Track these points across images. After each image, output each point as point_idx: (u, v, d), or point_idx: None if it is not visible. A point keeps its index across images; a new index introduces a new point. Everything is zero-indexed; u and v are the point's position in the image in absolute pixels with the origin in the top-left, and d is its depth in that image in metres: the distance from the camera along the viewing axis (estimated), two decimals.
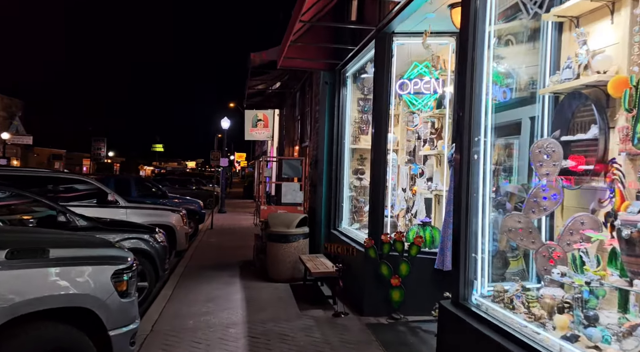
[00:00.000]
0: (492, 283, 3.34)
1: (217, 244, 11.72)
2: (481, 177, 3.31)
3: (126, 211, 8.74)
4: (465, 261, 3.28)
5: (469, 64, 3.41)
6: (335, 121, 7.50)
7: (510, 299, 2.99)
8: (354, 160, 7.60)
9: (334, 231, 7.35)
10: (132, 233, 6.42)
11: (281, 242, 7.31)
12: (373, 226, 5.43)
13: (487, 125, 3.36)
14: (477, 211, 3.32)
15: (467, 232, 3.32)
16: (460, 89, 3.55)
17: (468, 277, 3.26)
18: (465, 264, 3.28)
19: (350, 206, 7.42)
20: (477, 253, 3.25)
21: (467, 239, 3.31)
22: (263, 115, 19.45)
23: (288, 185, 8.07)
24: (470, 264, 3.26)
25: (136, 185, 12.53)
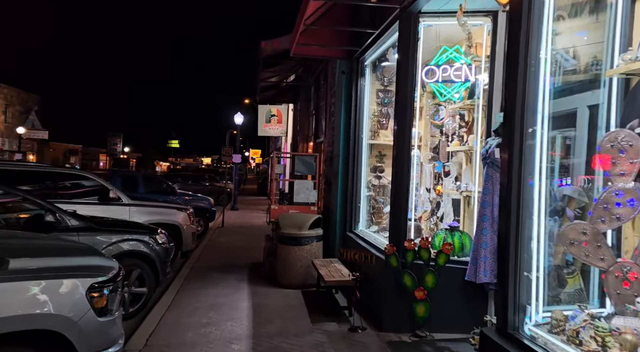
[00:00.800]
0: (548, 307, 2.70)
1: (226, 243, 11.21)
2: (537, 176, 2.67)
3: (129, 209, 8.27)
4: (515, 280, 2.66)
5: (523, 39, 2.76)
6: (352, 114, 6.89)
7: (577, 332, 2.36)
8: (372, 157, 6.98)
9: (350, 233, 6.75)
10: (130, 234, 5.91)
11: (292, 245, 6.74)
12: (394, 230, 4.82)
13: (544, 115, 2.71)
14: (531, 218, 2.69)
15: (517, 243, 2.69)
16: (510, 71, 2.91)
17: (519, 300, 2.64)
18: (515, 283, 2.65)
19: (367, 207, 6.80)
20: (531, 271, 2.62)
21: (517, 253, 2.68)
22: (277, 110, 18.88)
23: (301, 183, 7.48)
24: (521, 284, 2.64)
25: (144, 181, 12.09)
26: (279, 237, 6.92)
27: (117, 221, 6.64)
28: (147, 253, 5.90)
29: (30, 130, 35.44)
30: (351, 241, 6.52)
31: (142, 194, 11.77)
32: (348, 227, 6.85)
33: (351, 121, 6.88)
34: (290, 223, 6.91)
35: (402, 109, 4.84)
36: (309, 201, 7.49)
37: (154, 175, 16.87)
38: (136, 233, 6.01)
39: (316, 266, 6.17)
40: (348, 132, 7.00)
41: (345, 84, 6.96)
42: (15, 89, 36.42)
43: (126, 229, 6.08)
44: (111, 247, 5.67)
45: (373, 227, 6.55)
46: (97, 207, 7.95)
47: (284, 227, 6.89)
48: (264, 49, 9.06)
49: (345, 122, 7.01)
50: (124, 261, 5.76)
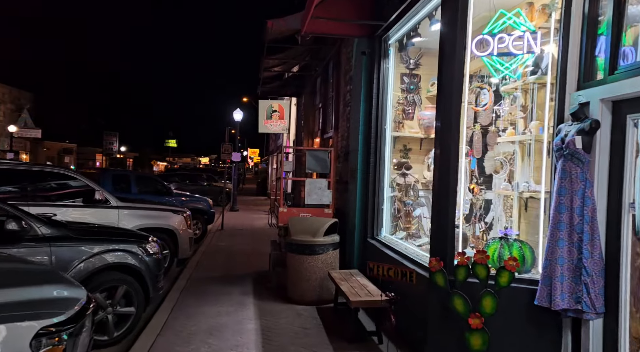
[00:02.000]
0: None
1: (227, 248, 10.27)
2: None
3: (118, 212, 7.33)
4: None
5: None
6: (373, 103, 5.96)
7: None
8: (395, 152, 6.06)
9: (372, 240, 5.82)
10: (116, 243, 4.98)
11: (305, 254, 5.81)
12: (438, 240, 3.89)
13: None
14: None
15: None
16: None
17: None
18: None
19: (392, 210, 5.88)
20: None
21: None
22: (278, 105, 17.94)
23: (313, 182, 6.55)
24: None
25: (137, 181, 11.13)
26: (289, 244, 6.00)
27: (101, 227, 5.70)
28: (136, 266, 4.97)
29: (22, 128, 34.41)
30: (374, 250, 5.59)
31: (135, 195, 10.83)
32: (369, 233, 5.92)
33: (372, 111, 5.95)
34: (302, 229, 5.98)
35: (446, 92, 3.92)
36: (322, 202, 6.56)
37: (148, 174, 15.91)
38: (123, 242, 5.08)
39: (335, 280, 5.24)
40: (368, 124, 6.07)
41: (366, 67, 6.03)
42: (6, 86, 35.34)
43: (111, 237, 5.14)
44: (92, 260, 4.73)
45: (399, 233, 5.63)
46: (81, 210, 7.03)
47: (295, 233, 5.96)
48: (270, 31, 8.12)
49: (365, 112, 6.08)
50: (109, 275, 4.85)
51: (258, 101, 18.02)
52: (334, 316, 5.35)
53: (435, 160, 4.01)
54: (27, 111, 35.51)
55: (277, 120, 17.91)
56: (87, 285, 4.61)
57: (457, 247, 3.90)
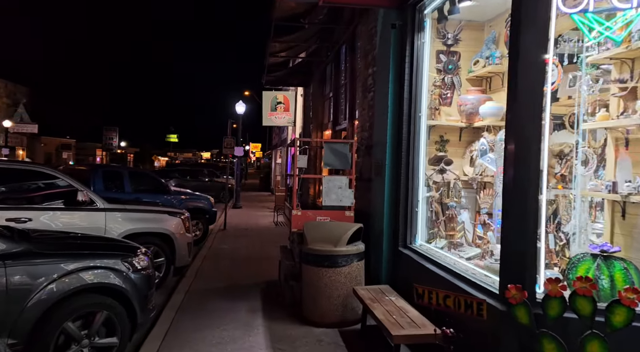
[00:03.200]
0: None
1: (231, 252, 9.33)
2: None
3: (105, 215, 6.39)
4: None
5: None
6: (405, 86, 4.97)
7: None
8: (430, 144, 5.09)
9: (405, 250, 4.86)
10: (93, 259, 4.02)
11: (325, 267, 4.86)
12: (512, 260, 2.93)
13: None
14: None
15: None
16: None
17: None
18: None
19: (428, 213, 4.91)
20: None
21: None
22: (283, 97, 16.96)
23: (332, 180, 5.58)
24: None
25: (131, 178, 10.16)
26: (305, 255, 5.04)
27: (79, 237, 4.74)
28: (119, 287, 4.01)
29: (18, 124, 33.48)
30: (409, 263, 4.62)
31: (129, 194, 9.89)
32: (401, 240, 4.95)
33: (404, 95, 4.96)
34: (320, 236, 5.02)
35: (524, 66, 2.93)
36: (343, 203, 5.59)
37: (143, 171, 14.94)
38: (104, 256, 4.12)
39: (364, 301, 4.28)
40: (398, 111, 5.09)
41: (396, 43, 5.03)
42: (2, 80, 34.36)
43: (89, 250, 4.19)
44: (66, 280, 3.78)
45: (439, 241, 4.66)
46: (62, 214, 6.08)
47: (313, 241, 5.00)
48: (279, 5, 7.10)
49: (394, 97, 5.09)
50: (85, 299, 3.89)
51: (262, 93, 17.04)
52: (363, 343, 4.41)
53: (508, 157, 3.03)
54: (23, 106, 34.55)
55: (282, 113, 16.94)
56: (54, 313, 3.70)
57: (538, 270, 2.92)
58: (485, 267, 3.56)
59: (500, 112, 4.59)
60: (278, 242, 10.64)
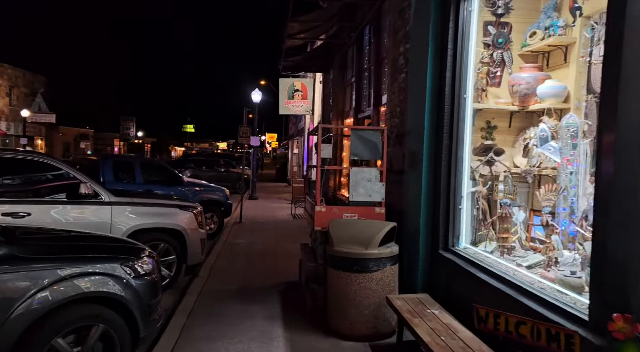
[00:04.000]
0: None
1: (246, 248, 8.79)
2: None
3: (111, 209, 5.87)
4: None
5: None
6: (448, 63, 4.28)
7: None
8: (475, 131, 4.40)
9: (447, 253, 4.21)
10: (90, 263, 3.48)
11: (354, 272, 4.25)
12: (609, 274, 2.26)
13: None
14: None
15: None
16: None
17: None
18: None
19: (473, 211, 4.24)
20: None
21: None
22: (301, 84, 16.28)
23: (360, 172, 4.94)
24: None
25: (142, 169, 9.67)
26: (331, 258, 4.43)
27: (76, 236, 4.19)
28: (119, 296, 3.47)
29: (36, 113, 33.50)
30: (452, 269, 3.98)
31: (140, 185, 9.40)
32: (441, 242, 4.30)
33: (446, 74, 4.27)
34: (349, 236, 4.40)
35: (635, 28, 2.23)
36: (372, 199, 4.95)
37: (155, 161, 14.49)
38: (101, 260, 3.58)
39: (401, 314, 3.66)
40: (438, 92, 4.40)
41: (436, 13, 4.33)
42: (20, 69, 34.36)
43: (85, 253, 3.65)
44: (55, 289, 3.25)
45: (488, 244, 3.99)
46: (63, 208, 5.58)
47: (340, 242, 4.38)
48: None
49: (433, 76, 4.41)
50: (78, 310, 3.36)
51: (279, 80, 16.40)
52: None
53: (605, 144, 2.34)
54: (41, 95, 34.54)
55: (299, 101, 16.28)
56: (42, 328, 3.17)
57: None
58: (557, 281, 2.90)
59: (563, 93, 3.88)
60: (296, 237, 10.08)
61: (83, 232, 4.45)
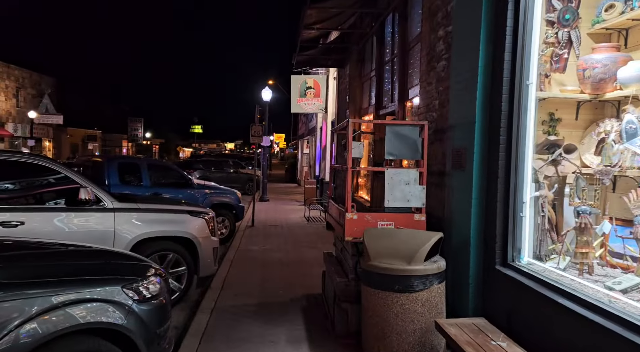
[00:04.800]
0: None
1: (261, 255, 8.17)
2: None
3: (115, 216, 5.29)
4: None
5: None
6: (506, 43, 3.62)
7: None
8: (536, 125, 3.73)
9: (507, 270, 3.54)
10: (86, 287, 2.88)
11: (395, 292, 3.61)
12: None
13: None
14: None
15: None
16: None
17: None
18: None
19: (537, 220, 3.57)
20: None
21: None
22: (314, 81, 15.68)
23: (396, 173, 4.29)
24: None
25: (150, 171, 9.10)
26: (367, 274, 3.79)
27: (70, 253, 3.59)
28: (119, 327, 2.87)
29: (43, 114, 33.22)
30: (518, 289, 3.31)
31: (147, 188, 8.84)
32: (499, 257, 3.64)
33: (504, 57, 3.61)
34: (387, 249, 3.75)
35: None
36: (411, 204, 4.31)
37: (163, 162, 13.96)
38: (99, 283, 2.97)
39: (459, 345, 3.01)
40: (492, 79, 3.75)
41: None
42: (27, 70, 34.13)
43: (79, 274, 3.04)
44: (52, 318, 2.68)
45: (560, 260, 3.32)
46: (61, 216, 5.00)
47: (377, 255, 3.74)
48: None
49: (486, 60, 3.75)
50: (72, 346, 2.78)
51: (290, 78, 15.80)
52: None
53: None
54: (48, 96, 34.26)
55: (312, 98, 15.67)
56: None
57: None
58: None
59: None
60: (314, 242, 9.46)
61: (81, 246, 3.84)
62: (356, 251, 4.35)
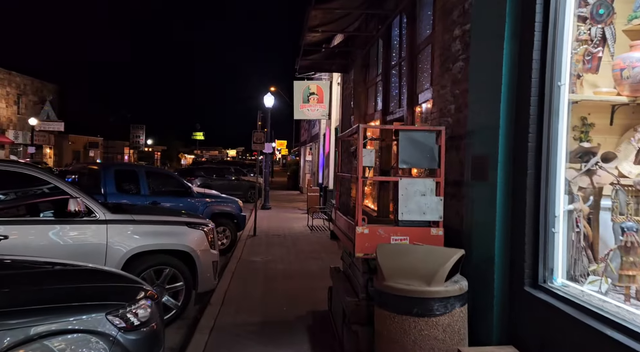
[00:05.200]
0: None
1: (264, 267, 7.81)
2: None
3: (107, 228, 4.96)
4: None
5: None
6: (535, 41, 3.28)
7: None
8: (569, 130, 3.38)
9: (538, 292, 3.18)
10: (69, 315, 2.54)
11: (413, 316, 3.25)
12: None
13: None
14: None
15: None
16: None
17: None
18: None
19: (571, 236, 3.21)
20: None
21: None
22: (317, 87, 15.39)
23: (411, 183, 3.94)
24: None
25: (148, 179, 8.77)
26: (381, 295, 3.43)
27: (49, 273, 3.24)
28: None
29: (44, 121, 33.02)
30: (552, 315, 2.94)
31: (145, 197, 8.50)
32: (528, 277, 3.27)
33: (532, 56, 3.27)
34: (404, 267, 3.39)
35: None
36: (428, 217, 3.95)
37: (162, 170, 13.66)
38: (80, 310, 2.63)
39: None
40: (518, 80, 3.41)
41: None
42: (28, 77, 33.96)
43: (58, 301, 2.69)
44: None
45: (603, 284, 2.94)
46: (49, 229, 4.67)
47: (392, 275, 3.38)
48: None
49: (511, 60, 3.42)
50: None
51: (293, 83, 15.51)
52: None
53: None
54: (49, 103, 34.10)
55: (315, 105, 15.37)
56: None
57: None
58: None
59: None
60: (318, 253, 9.10)
61: (68, 264, 3.50)
62: (367, 268, 3.99)
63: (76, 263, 3.64)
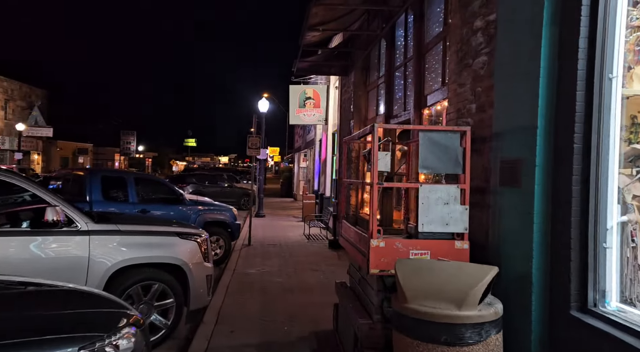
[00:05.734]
0: None
1: (260, 281, 7.30)
2: None
3: (89, 240, 4.45)
4: None
5: None
6: (581, 27, 2.87)
7: None
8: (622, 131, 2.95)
9: (587, 317, 2.73)
10: (44, 348, 2.04)
11: (442, 344, 2.78)
12: None
13: None
14: None
15: None
16: None
17: None
18: None
19: (626, 252, 2.78)
20: None
21: None
22: (313, 91, 14.97)
23: (432, 191, 3.50)
24: None
25: (137, 186, 8.25)
26: (402, 318, 2.97)
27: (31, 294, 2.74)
28: None
29: (32, 127, 32.28)
30: (610, 346, 2.50)
31: (134, 204, 8.00)
32: (575, 300, 2.83)
33: (579, 44, 2.85)
34: (429, 287, 2.94)
35: None
36: (452, 229, 3.50)
37: (152, 177, 13.14)
38: (53, 344, 2.14)
39: None
40: (561, 74, 2.99)
41: None
42: (16, 82, 33.21)
43: (29, 333, 2.20)
44: None
45: None
46: (24, 241, 4.17)
47: (416, 296, 2.92)
48: None
49: (551, 50, 3.00)
50: None
51: (289, 87, 15.09)
52: None
53: None
54: (37, 108, 33.38)
55: (311, 109, 14.93)
56: None
57: None
58: None
59: None
60: (315, 263, 8.62)
61: (44, 285, 3.00)
62: (382, 285, 3.53)
63: (53, 283, 3.13)
